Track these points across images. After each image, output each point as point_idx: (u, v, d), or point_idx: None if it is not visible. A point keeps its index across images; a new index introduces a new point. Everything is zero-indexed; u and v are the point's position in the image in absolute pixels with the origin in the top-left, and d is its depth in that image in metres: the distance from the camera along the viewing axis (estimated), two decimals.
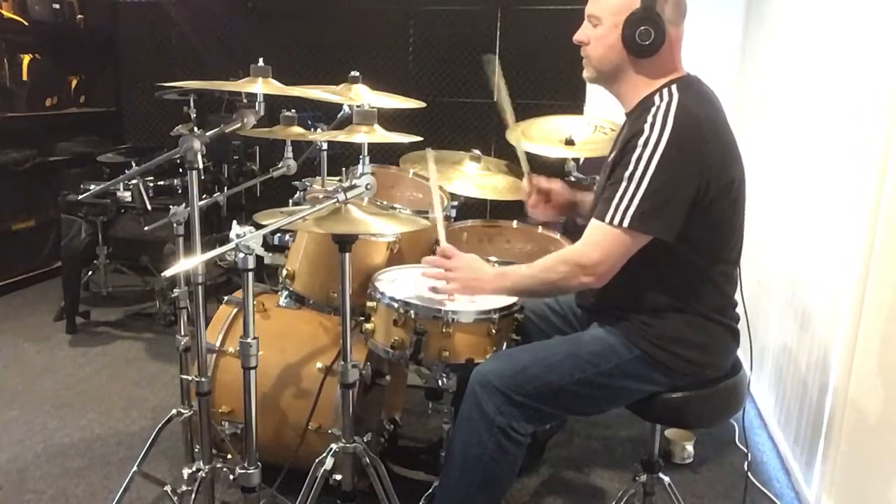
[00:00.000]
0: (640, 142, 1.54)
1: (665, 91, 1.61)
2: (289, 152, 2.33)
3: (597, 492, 2.41)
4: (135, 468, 2.12)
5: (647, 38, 1.58)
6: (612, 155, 1.68)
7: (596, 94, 3.95)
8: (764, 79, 3.31)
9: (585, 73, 1.72)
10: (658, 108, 1.57)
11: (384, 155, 3.19)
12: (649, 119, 1.56)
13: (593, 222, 1.60)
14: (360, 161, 2.15)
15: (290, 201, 2.34)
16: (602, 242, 1.58)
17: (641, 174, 1.53)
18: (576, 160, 2.63)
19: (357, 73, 2.20)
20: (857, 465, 2.03)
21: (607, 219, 1.56)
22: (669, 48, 1.62)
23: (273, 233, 1.86)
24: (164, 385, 3.05)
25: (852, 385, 2.04)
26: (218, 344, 2.17)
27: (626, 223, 1.54)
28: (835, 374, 2.14)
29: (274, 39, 4.61)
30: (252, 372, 1.55)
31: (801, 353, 2.50)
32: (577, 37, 1.70)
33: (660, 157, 1.52)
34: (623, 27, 1.60)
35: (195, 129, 3.20)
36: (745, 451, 2.54)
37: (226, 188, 3.32)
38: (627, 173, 1.54)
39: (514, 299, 1.83)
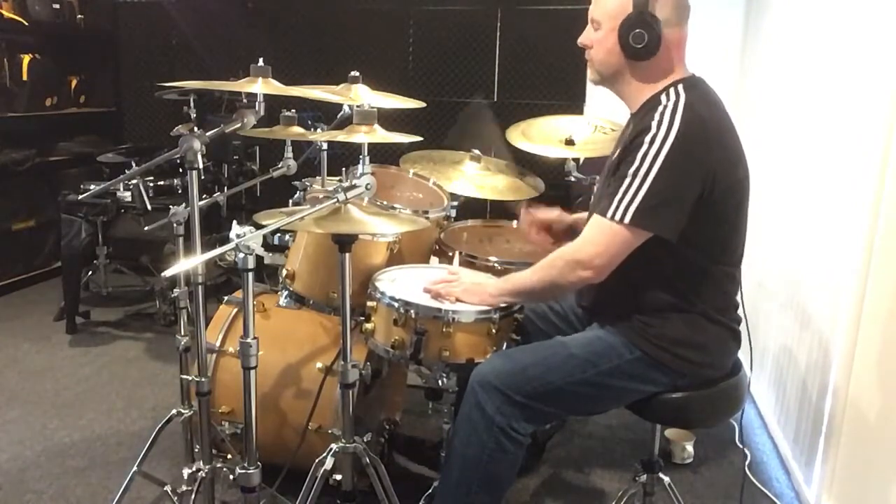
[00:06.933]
0: (647, 139, 1.54)
1: (672, 91, 1.61)
2: (289, 152, 2.33)
3: (597, 492, 2.41)
4: (135, 468, 2.12)
5: (641, 42, 1.58)
6: (617, 153, 1.67)
7: (596, 94, 3.95)
8: (764, 78, 3.30)
9: (590, 76, 1.73)
10: (665, 106, 1.57)
11: (384, 155, 3.20)
12: (656, 117, 1.55)
13: (594, 218, 1.60)
14: (360, 161, 2.15)
15: (290, 201, 2.34)
16: (600, 237, 1.58)
17: (646, 171, 1.52)
18: (576, 160, 2.62)
19: (357, 73, 2.20)
20: (857, 465, 2.03)
21: (608, 214, 1.55)
22: (667, 50, 1.61)
23: (273, 233, 1.85)
24: (164, 385, 3.05)
25: (852, 385, 2.04)
26: (218, 344, 2.17)
27: (626, 219, 1.53)
28: (835, 374, 2.14)
29: (274, 39, 4.61)
30: (252, 372, 1.55)
31: (801, 353, 2.50)
32: (581, 40, 1.71)
33: (665, 155, 1.51)
34: (619, 30, 1.60)
35: (195, 129, 3.20)
36: (745, 451, 2.54)
37: (226, 188, 3.32)
38: (632, 170, 1.54)
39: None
